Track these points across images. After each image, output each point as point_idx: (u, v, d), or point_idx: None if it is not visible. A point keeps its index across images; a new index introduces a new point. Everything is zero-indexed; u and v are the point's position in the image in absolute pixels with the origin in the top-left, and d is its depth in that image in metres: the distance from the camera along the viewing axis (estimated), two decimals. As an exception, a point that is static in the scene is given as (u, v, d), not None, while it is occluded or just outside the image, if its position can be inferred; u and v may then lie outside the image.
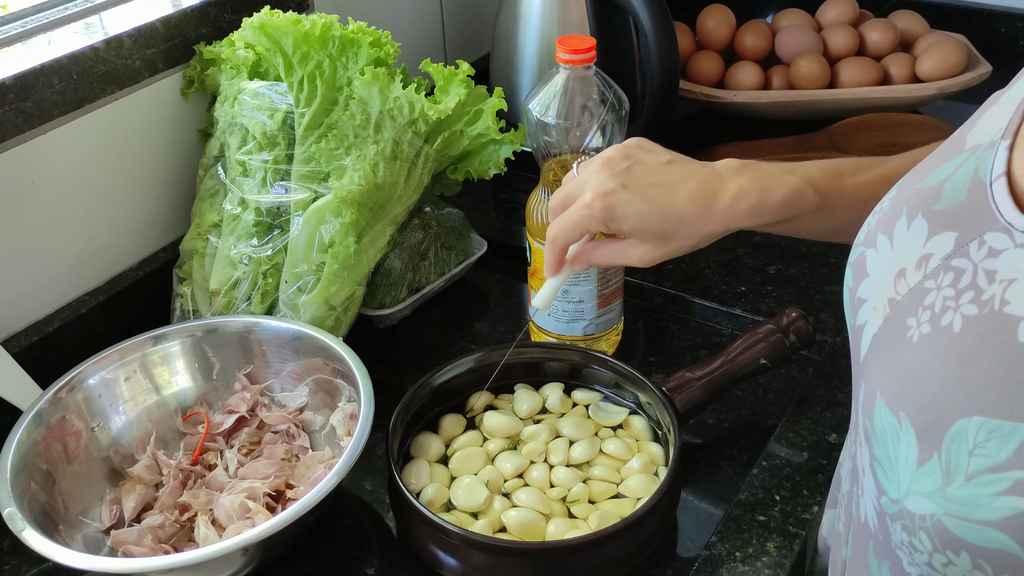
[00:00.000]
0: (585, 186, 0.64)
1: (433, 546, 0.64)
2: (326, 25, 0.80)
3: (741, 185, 0.61)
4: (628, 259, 0.65)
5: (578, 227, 0.64)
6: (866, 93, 1.14)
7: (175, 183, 0.92)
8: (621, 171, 0.63)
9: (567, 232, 0.65)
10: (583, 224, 0.63)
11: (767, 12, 1.27)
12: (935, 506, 0.40)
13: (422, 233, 0.90)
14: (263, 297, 0.82)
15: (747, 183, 0.61)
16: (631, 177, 0.62)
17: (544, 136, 0.77)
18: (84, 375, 0.73)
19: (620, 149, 0.65)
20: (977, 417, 0.39)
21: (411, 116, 0.81)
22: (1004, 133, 0.44)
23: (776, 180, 0.61)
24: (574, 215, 0.64)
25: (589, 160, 0.66)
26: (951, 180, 0.46)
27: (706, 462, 0.75)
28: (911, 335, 0.44)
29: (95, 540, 0.68)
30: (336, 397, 0.75)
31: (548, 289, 0.70)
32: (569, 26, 1.00)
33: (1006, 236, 0.41)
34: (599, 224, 0.63)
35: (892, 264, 0.47)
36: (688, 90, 1.17)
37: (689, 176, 0.62)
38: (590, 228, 0.64)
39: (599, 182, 0.63)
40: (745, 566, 0.63)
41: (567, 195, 0.66)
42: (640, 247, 0.64)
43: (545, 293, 0.70)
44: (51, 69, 0.78)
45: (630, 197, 0.62)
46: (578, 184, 0.65)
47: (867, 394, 0.46)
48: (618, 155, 0.64)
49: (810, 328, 0.75)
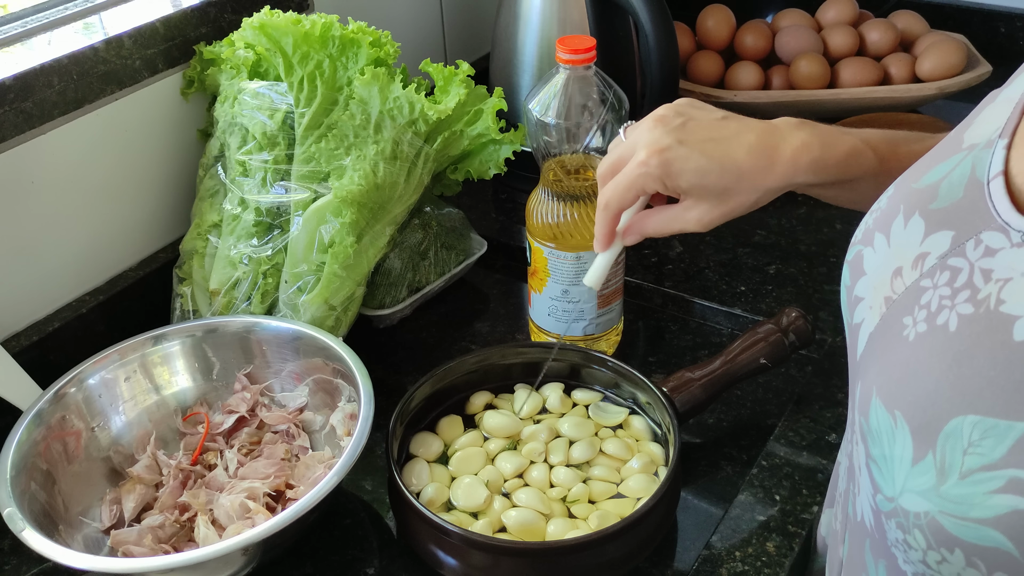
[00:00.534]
0: (637, 146, 0.61)
1: (433, 546, 0.64)
2: (326, 25, 0.80)
3: (802, 139, 0.59)
4: (685, 223, 0.62)
5: (633, 187, 0.61)
6: (866, 93, 1.14)
7: (175, 183, 0.92)
8: (676, 127, 0.60)
9: (621, 194, 0.62)
10: (639, 183, 0.60)
11: (767, 12, 1.27)
12: (929, 504, 0.40)
13: (422, 233, 0.90)
14: (263, 297, 0.82)
15: (808, 137, 0.59)
16: (686, 132, 0.60)
17: (544, 136, 0.77)
18: (84, 375, 0.73)
19: (672, 107, 0.62)
20: (972, 416, 0.39)
21: (411, 116, 0.81)
22: (1001, 132, 0.44)
23: (836, 137, 0.59)
24: (629, 175, 0.61)
25: (637, 123, 0.63)
26: (948, 179, 0.46)
27: (706, 462, 0.75)
28: (907, 334, 0.44)
29: (95, 540, 0.68)
30: (336, 397, 0.75)
31: (600, 265, 0.68)
32: (569, 26, 1.00)
33: (1002, 235, 0.41)
34: (656, 182, 0.60)
35: (889, 263, 0.47)
36: (688, 90, 1.17)
37: (747, 129, 0.60)
38: (647, 187, 0.61)
39: (653, 138, 0.60)
40: (745, 566, 0.63)
41: (617, 159, 0.63)
42: (698, 207, 0.61)
43: (597, 269, 0.68)
44: (51, 69, 0.78)
45: (687, 152, 0.59)
46: (628, 146, 0.62)
47: (863, 393, 0.46)
48: (671, 112, 0.61)
49: (809, 327, 0.75)
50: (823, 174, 0.59)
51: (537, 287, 0.82)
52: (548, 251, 0.79)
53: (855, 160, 0.59)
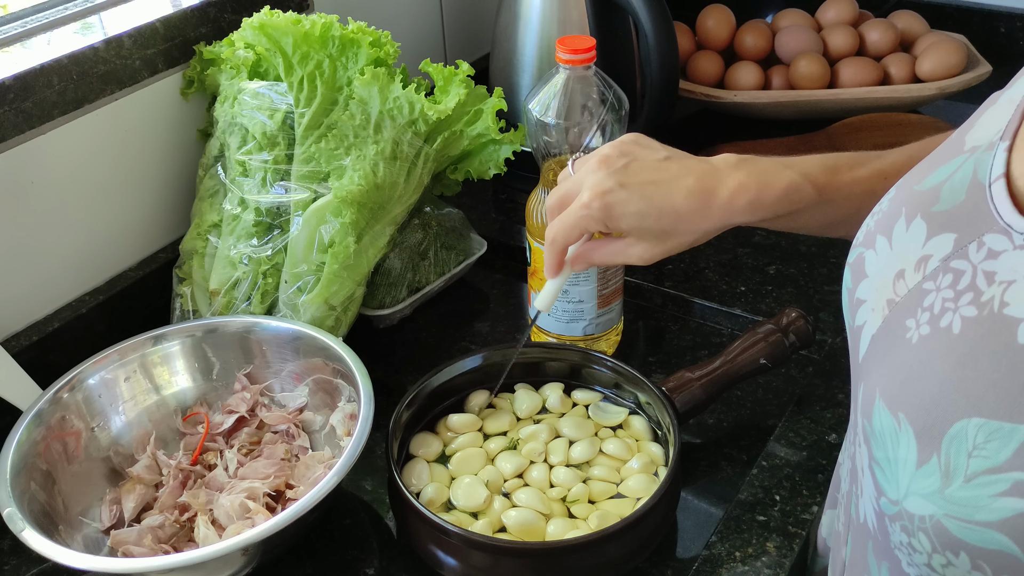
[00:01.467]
0: (582, 185, 0.63)
1: (433, 546, 0.64)
2: (326, 25, 0.80)
3: (739, 180, 0.61)
4: (628, 258, 0.65)
5: (577, 227, 0.64)
6: (866, 93, 1.14)
7: (175, 183, 0.92)
8: (618, 169, 0.62)
9: (566, 233, 0.64)
10: (582, 224, 0.63)
11: (767, 12, 1.27)
12: (934, 507, 0.40)
13: (422, 233, 0.90)
14: (263, 297, 0.82)
15: (745, 178, 0.61)
16: (628, 175, 0.62)
17: (544, 136, 0.77)
18: (84, 375, 0.73)
19: (616, 146, 0.64)
20: (976, 418, 0.39)
21: (411, 116, 0.81)
22: (1003, 135, 0.44)
23: (773, 175, 0.61)
24: (572, 216, 0.63)
25: (585, 157, 0.65)
26: (950, 181, 0.45)
27: (706, 462, 0.75)
28: (910, 336, 0.44)
29: (95, 540, 0.68)
30: (336, 397, 0.75)
31: (549, 290, 0.70)
32: (569, 26, 1.00)
33: (1005, 238, 0.41)
34: (598, 224, 0.63)
35: (891, 265, 0.47)
36: (688, 90, 1.17)
37: (686, 172, 0.62)
38: (589, 228, 0.64)
39: (596, 181, 0.62)
40: (745, 566, 0.63)
41: (564, 194, 0.65)
42: (639, 245, 0.64)
43: (546, 294, 0.70)
44: (51, 69, 0.78)
45: (627, 196, 0.61)
46: (575, 183, 0.64)
47: (866, 395, 0.46)
48: (615, 152, 0.63)
49: (810, 328, 0.75)
50: (760, 213, 0.62)
51: (537, 287, 0.82)
52: (548, 251, 0.79)
53: (793, 196, 0.61)
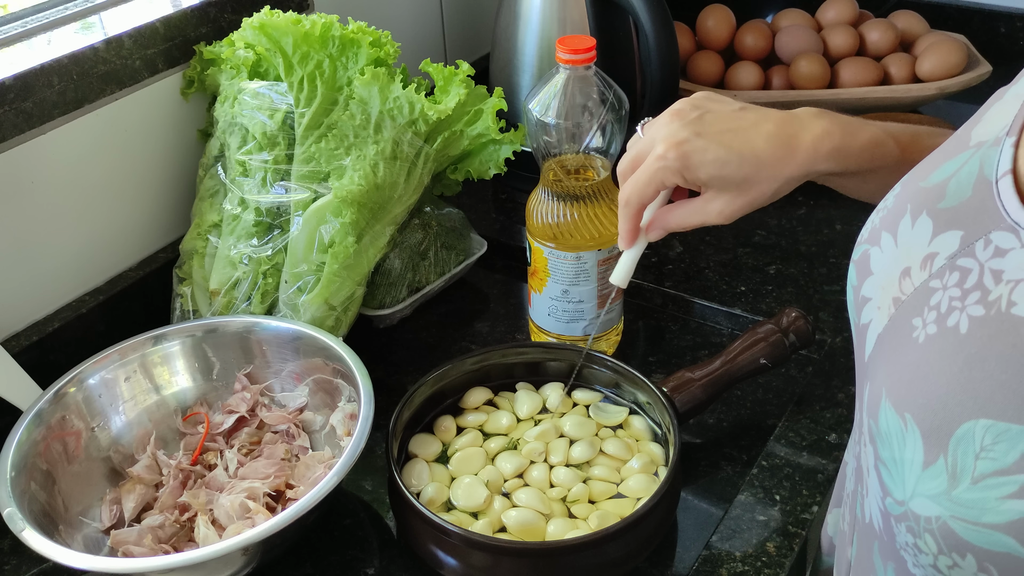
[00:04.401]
0: (655, 140, 0.61)
1: (433, 546, 0.64)
2: (326, 25, 0.80)
3: (823, 126, 0.59)
4: (707, 215, 0.62)
5: (653, 181, 0.61)
6: (866, 93, 1.14)
7: (175, 183, 0.92)
8: (693, 120, 0.60)
9: (642, 190, 0.62)
10: (659, 177, 0.60)
11: (767, 12, 1.27)
12: (941, 508, 0.40)
13: (422, 233, 0.89)
14: (263, 297, 0.82)
15: (829, 125, 0.59)
16: (704, 125, 0.60)
17: (544, 136, 0.77)
18: (84, 375, 0.73)
19: (688, 101, 0.62)
20: (984, 420, 0.38)
21: (411, 116, 0.81)
22: (1009, 130, 0.43)
23: (858, 125, 0.59)
24: (648, 170, 0.61)
25: (654, 119, 0.63)
26: (956, 177, 0.45)
27: (706, 462, 0.75)
28: (917, 335, 0.43)
29: (95, 540, 0.68)
30: (336, 397, 0.75)
31: (626, 262, 0.68)
32: (569, 26, 1.00)
33: (1012, 235, 0.40)
34: (675, 175, 0.60)
35: (897, 263, 0.47)
36: (688, 90, 1.16)
37: (765, 119, 0.60)
38: (666, 181, 0.61)
39: (671, 132, 0.60)
40: (745, 566, 0.63)
41: (636, 155, 0.63)
42: (719, 199, 0.61)
43: (623, 267, 0.68)
44: (51, 69, 0.78)
45: (705, 144, 0.59)
46: (647, 141, 0.62)
47: (872, 394, 0.46)
48: (687, 106, 0.61)
49: (810, 328, 0.75)
50: (844, 162, 0.59)
51: (537, 287, 0.82)
52: (548, 251, 0.79)
53: (877, 149, 0.59)
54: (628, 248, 0.67)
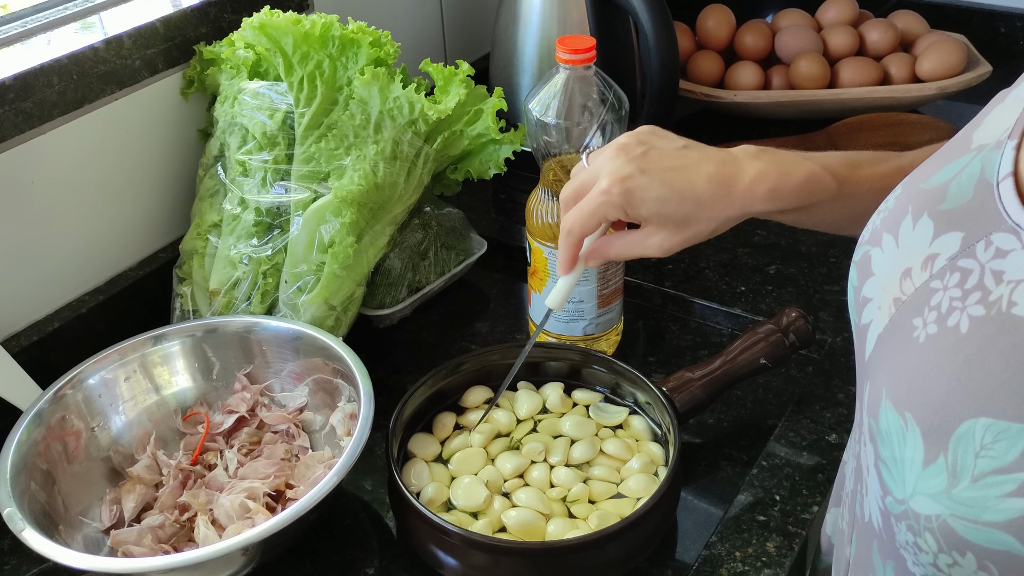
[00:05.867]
0: (599, 174, 0.62)
1: (433, 546, 0.64)
2: (326, 25, 0.80)
3: (759, 168, 0.60)
4: (646, 249, 0.63)
5: (596, 215, 0.62)
6: (866, 93, 1.14)
7: (175, 183, 0.92)
8: (637, 156, 0.61)
9: (583, 222, 0.63)
10: (601, 211, 0.62)
11: (767, 12, 1.27)
12: (941, 507, 0.40)
13: (422, 233, 0.90)
14: (263, 297, 0.82)
15: (765, 166, 0.60)
16: (648, 161, 0.61)
17: (544, 136, 0.77)
18: (84, 375, 0.73)
19: (633, 136, 0.63)
20: (984, 418, 0.39)
21: (411, 116, 0.81)
22: (1011, 133, 0.43)
23: (794, 165, 0.61)
24: (591, 203, 0.62)
25: (599, 149, 0.64)
26: (957, 180, 0.45)
27: (706, 462, 0.75)
28: (917, 335, 0.44)
29: (95, 540, 0.68)
30: (336, 397, 0.75)
31: (562, 287, 0.69)
32: (569, 26, 1.00)
33: (1013, 237, 0.41)
34: (617, 210, 0.61)
35: (898, 263, 0.47)
36: (688, 90, 1.17)
37: (707, 159, 0.61)
38: (608, 215, 0.62)
39: (615, 167, 0.61)
40: (745, 566, 0.63)
41: (580, 185, 0.64)
42: (658, 235, 0.62)
43: (559, 292, 0.69)
44: (51, 69, 0.78)
45: (648, 181, 0.60)
46: (591, 172, 0.63)
47: (872, 394, 0.46)
48: (632, 141, 0.62)
49: (810, 328, 0.75)
50: (780, 202, 0.60)
51: (537, 287, 0.82)
52: (548, 251, 0.79)
53: (813, 186, 0.60)
54: (566, 275, 0.68)
